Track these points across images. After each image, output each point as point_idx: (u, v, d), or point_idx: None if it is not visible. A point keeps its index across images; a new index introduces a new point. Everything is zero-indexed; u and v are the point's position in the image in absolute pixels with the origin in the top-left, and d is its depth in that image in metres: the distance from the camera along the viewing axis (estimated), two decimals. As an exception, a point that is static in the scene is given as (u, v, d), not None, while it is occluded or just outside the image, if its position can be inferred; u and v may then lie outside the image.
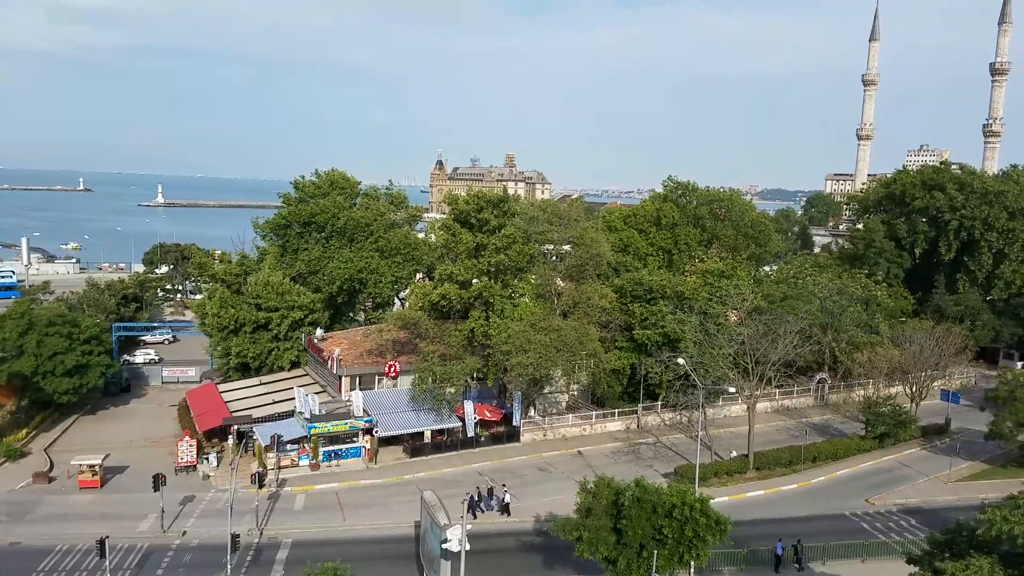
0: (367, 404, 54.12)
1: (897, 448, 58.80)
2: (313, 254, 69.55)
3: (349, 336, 63.67)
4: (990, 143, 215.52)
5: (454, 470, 52.22)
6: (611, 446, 58.42)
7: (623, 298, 62.62)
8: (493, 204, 57.77)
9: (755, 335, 53.96)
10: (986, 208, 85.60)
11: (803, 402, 71.63)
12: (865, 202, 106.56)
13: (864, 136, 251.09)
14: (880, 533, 44.48)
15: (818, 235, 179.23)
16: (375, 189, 79.35)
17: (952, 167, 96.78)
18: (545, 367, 53.01)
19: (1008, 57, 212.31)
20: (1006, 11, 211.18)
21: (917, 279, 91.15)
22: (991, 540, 27.27)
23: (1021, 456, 56.13)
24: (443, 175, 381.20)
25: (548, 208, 75.53)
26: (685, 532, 31.47)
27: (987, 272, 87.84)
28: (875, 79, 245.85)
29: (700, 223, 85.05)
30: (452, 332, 55.65)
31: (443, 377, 53.38)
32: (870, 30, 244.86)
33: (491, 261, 55.54)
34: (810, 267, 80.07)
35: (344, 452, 52.95)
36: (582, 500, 34.17)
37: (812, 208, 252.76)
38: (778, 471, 53.42)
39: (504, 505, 45.25)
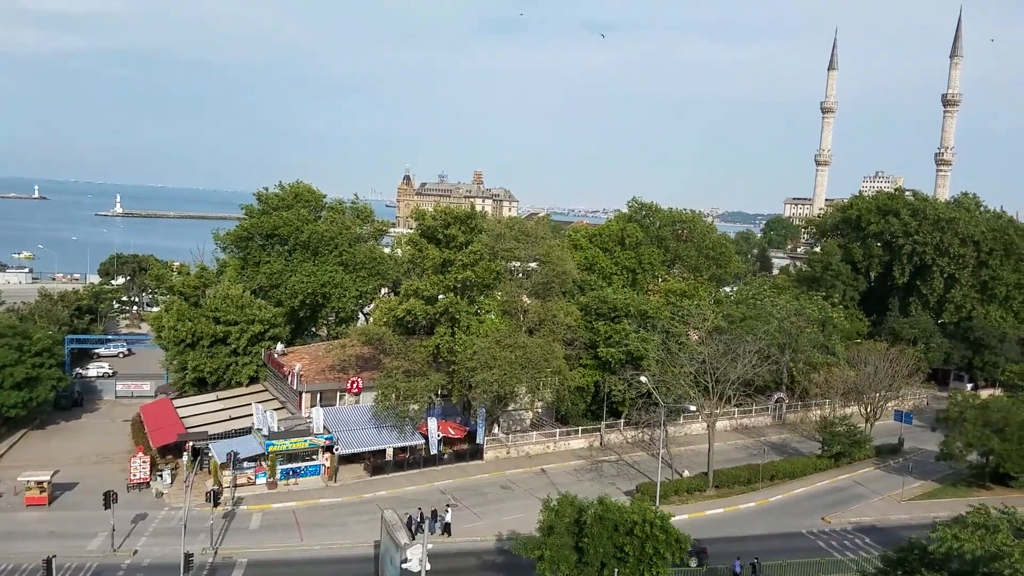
0: (328, 421, 53.40)
1: (852, 467, 59.91)
2: (275, 267, 68.74)
3: (311, 351, 62.91)
4: (942, 171, 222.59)
5: (416, 488, 51.74)
6: (574, 464, 58.50)
7: (588, 316, 63.08)
8: (460, 220, 57.86)
9: (715, 354, 54.74)
10: (938, 234, 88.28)
11: (761, 421, 72.71)
12: (822, 226, 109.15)
13: (822, 162, 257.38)
14: (836, 551, 45.17)
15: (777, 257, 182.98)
16: (340, 202, 78.86)
17: (906, 194, 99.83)
18: (510, 384, 53.00)
19: (959, 89, 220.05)
20: (957, 45, 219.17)
21: (872, 302, 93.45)
22: (942, 558, 27.91)
23: (971, 475, 57.64)
24: (410, 190, 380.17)
25: (515, 225, 75.81)
26: (646, 550, 31.65)
27: (939, 296, 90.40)
28: (833, 107, 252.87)
29: (663, 243, 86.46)
30: (417, 348, 55.37)
31: (407, 393, 53.00)
32: (829, 60, 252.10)
33: (458, 277, 55.52)
34: (769, 288, 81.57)
35: (303, 470, 52.04)
36: (544, 518, 34.14)
37: (771, 231, 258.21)
38: (737, 489, 54.04)
39: (445, 525, 44.53)
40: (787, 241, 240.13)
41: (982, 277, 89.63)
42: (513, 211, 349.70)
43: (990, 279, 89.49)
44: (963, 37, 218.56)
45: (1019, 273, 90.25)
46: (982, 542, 26.25)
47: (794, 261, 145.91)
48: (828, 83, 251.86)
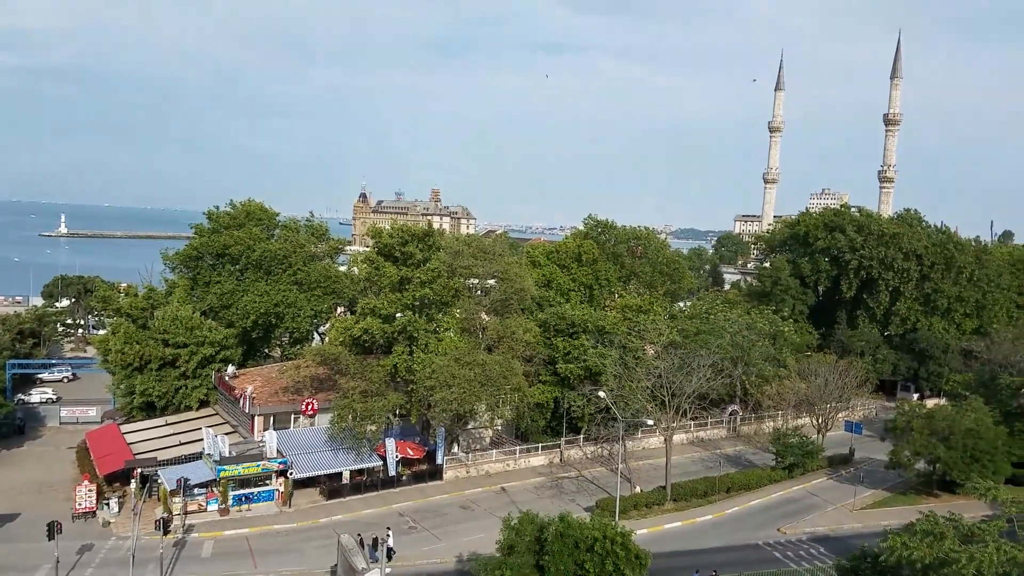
0: (281, 444, 52.38)
1: (805, 478, 61.02)
2: (226, 287, 67.43)
3: (263, 373, 61.74)
4: (885, 188, 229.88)
5: (373, 511, 50.96)
6: (534, 481, 58.36)
7: (547, 332, 63.30)
8: (418, 238, 57.67)
9: (671, 368, 55.38)
10: (883, 249, 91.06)
11: (717, 433, 73.65)
12: (771, 242, 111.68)
13: (770, 180, 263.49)
14: (791, 561, 45.85)
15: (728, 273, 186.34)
16: (294, 221, 77.90)
17: (851, 210, 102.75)
18: (469, 402, 52.74)
19: (900, 109, 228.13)
20: (897, 67, 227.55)
21: (821, 315, 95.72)
22: (893, 565, 28.53)
23: (919, 483, 59.18)
24: (367, 208, 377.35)
25: (473, 243, 75.78)
26: (606, 567, 31.65)
27: (885, 309, 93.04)
28: (780, 126, 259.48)
29: (619, 260, 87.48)
30: (374, 368, 54.75)
31: (364, 414, 52.30)
32: (775, 81, 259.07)
33: (415, 295, 55.19)
34: (721, 303, 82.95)
35: (256, 495, 50.82)
36: (505, 537, 33.94)
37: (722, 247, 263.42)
38: (694, 502, 54.55)
39: (388, 551, 43.67)
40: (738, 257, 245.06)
41: (925, 290, 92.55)
42: (471, 228, 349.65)
43: (933, 292, 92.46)
44: (903, 59, 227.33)
45: (959, 286, 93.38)
46: (931, 549, 26.91)
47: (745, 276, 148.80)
48: (775, 103, 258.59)
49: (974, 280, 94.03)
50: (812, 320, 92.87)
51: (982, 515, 44.77)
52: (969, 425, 55.09)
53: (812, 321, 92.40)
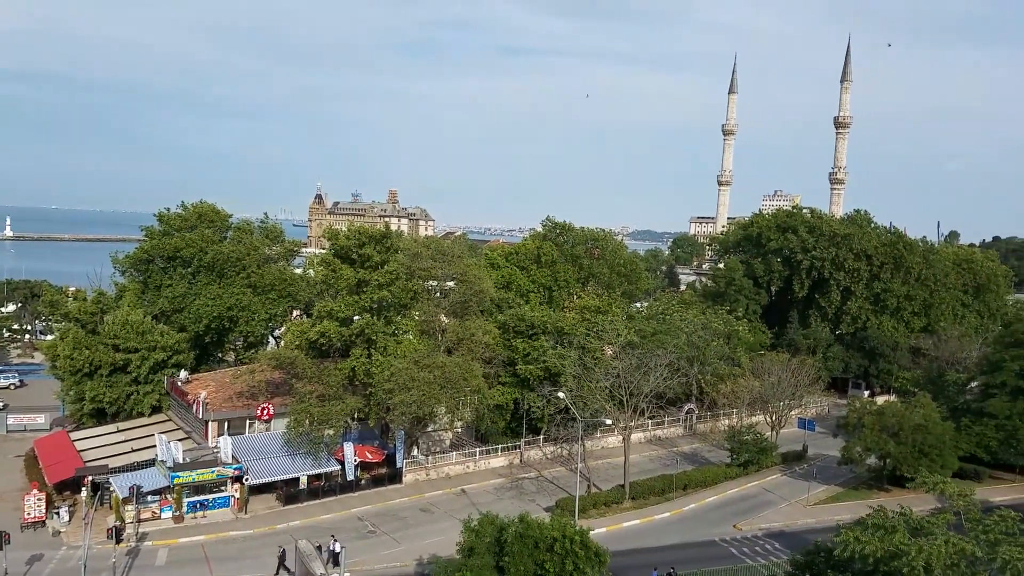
0: (237, 450, 51.45)
1: (760, 474, 62.14)
2: (178, 291, 66.04)
3: (217, 378, 60.61)
4: (836, 189, 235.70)
5: (332, 516, 50.36)
6: (495, 482, 58.34)
7: (506, 334, 63.36)
8: (375, 240, 57.16)
9: (629, 368, 55.93)
10: (834, 249, 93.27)
11: (673, 432, 74.61)
12: (725, 243, 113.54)
13: (724, 182, 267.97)
14: (747, 557, 46.60)
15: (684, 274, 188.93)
16: (248, 222, 76.62)
17: (803, 211, 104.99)
18: (429, 405, 52.47)
19: (849, 112, 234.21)
20: (847, 70, 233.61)
21: (774, 315, 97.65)
22: (846, 559, 29.22)
23: (870, 478, 60.71)
24: (322, 209, 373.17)
25: (432, 245, 75.53)
26: (566, 566, 31.78)
27: (836, 308, 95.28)
28: (733, 129, 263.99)
29: (577, 261, 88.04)
30: (331, 371, 54.12)
31: (321, 419, 51.66)
32: (729, 84, 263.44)
33: (373, 297, 54.70)
34: (677, 304, 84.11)
35: (211, 502, 49.85)
36: (465, 539, 33.87)
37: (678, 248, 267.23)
38: (652, 500, 55.14)
39: (334, 555, 43.19)
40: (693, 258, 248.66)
41: (875, 289, 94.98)
42: (430, 230, 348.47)
43: (882, 291, 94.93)
44: (852, 62, 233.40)
45: (908, 285, 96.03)
46: (882, 543, 27.63)
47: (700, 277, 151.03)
48: (729, 106, 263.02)
49: (922, 280, 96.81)
50: (765, 320, 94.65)
51: (931, 508, 46.19)
52: (918, 421, 56.66)
53: (765, 320, 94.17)
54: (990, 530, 28.60)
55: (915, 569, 26.59)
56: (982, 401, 63.02)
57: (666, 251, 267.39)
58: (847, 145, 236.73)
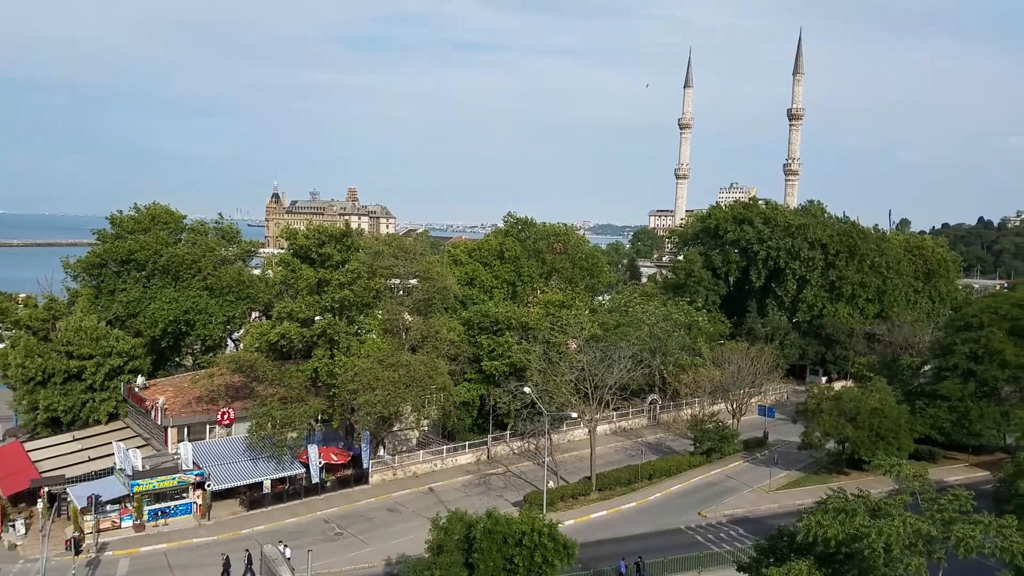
0: (198, 456, 50.56)
1: (723, 462, 63.14)
2: (132, 295, 64.56)
3: (175, 383, 59.44)
4: (790, 181, 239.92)
5: (298, 520, 49.83)
6: (462, 479, 58.29)
7: (471, 330, 63.27)
8: (335, 238, 56.52)
9: (593, 361, 56.34)
10: (789, 239, 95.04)
11: (638, 422, 75.41)
12: (684, 235, 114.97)
13: (681, 175, 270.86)
14: (713, 544, 47.36)
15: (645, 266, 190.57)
16: (203, 223, 75.20)
17: (759, 203, 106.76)
18: (394, 404, 52.16)
19: (802, 104, 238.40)
20: (799, 63, 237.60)
21: (732, 304, 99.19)
22: (808, 543, 29.78)
23: (830, 463, 62.04)
24: (280, 208, 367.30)
25: (393, 242, 74.94)
26: (535, 559, 31.88)
27: (792, 297, 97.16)
28: (689, 123, 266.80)
29: (540, 256, 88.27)
30: (293, 373, 53.43)
31: (283, 422, 51.01)
32: (684, 78, 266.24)
33: (335, 297, 54.10)
34: (639, 296, 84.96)
35: (173, 509, 48.97)
36: (434, 537, 33.76)
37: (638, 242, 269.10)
38: (618, 490, 55.67)
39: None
40: (653, 251, 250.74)
41: (830, 278, 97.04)
42: (391, 228, 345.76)
43: (837, 279, 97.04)
44: (804, 55, 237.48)
45: (862, 273, 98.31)
46: (843, 526, 28.18)
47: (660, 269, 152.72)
48: (684, 100, 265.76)
49: (875, 267, 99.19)
50: (724, 310, 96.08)
51: (889, 490, 47.41)
52: (874, 405, 58.00)
53: (724, 310, 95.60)
54: (945, 509, 29.35)
55: (875, 550, 27.21)
56: (935, 384, 64.64)
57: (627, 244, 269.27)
58: (800, 137, 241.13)
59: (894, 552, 27.46)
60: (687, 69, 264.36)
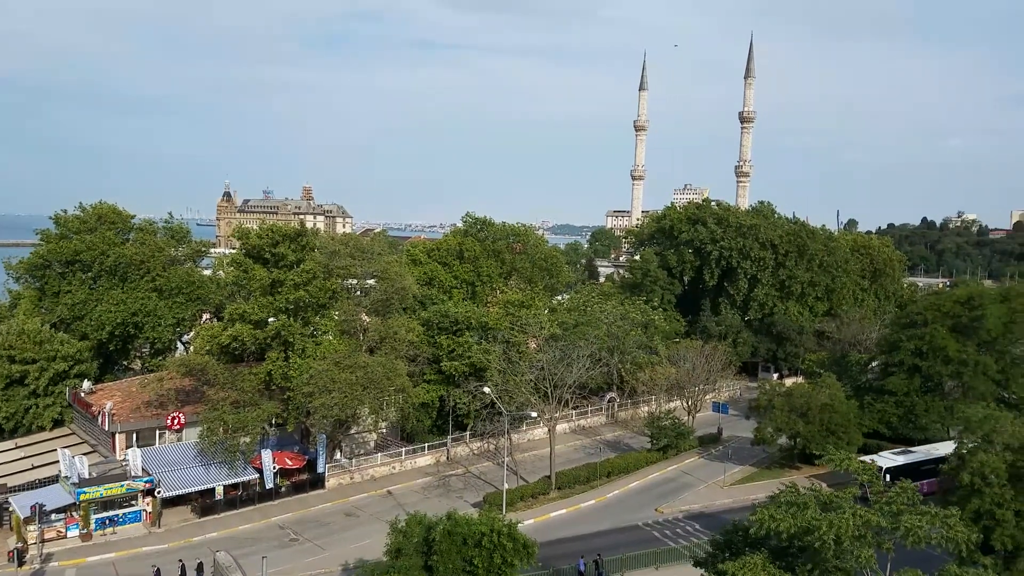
0: (147, 462, 49.27)
1: (679, 458, 63.97)
2: (78, 297, 62.61)
3: (123, 387, 57.86)
4: (741, 182, 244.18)
5: (251, 526, 48.89)
6: (422, 481, 57.90)
7: (430, 331, 62.89)
8: (290, 238, 55.56)
9: (552, 360, 56.52)
10: (741, 240, 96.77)
11: (596, 421, 75.93)
12: (640, 236, 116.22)
13: (637, 176, 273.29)
14: (670, 540, 47.91)
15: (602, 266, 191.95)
16: (151, 223, 73.34)
17: (712, 204, 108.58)
18: (351, 406, 51.51)
19: (753, 107, 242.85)
20: (750, 67, 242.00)
21: (687, 303, 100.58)
22: (762, 537, 30.34)
23: (782, 457, 63.34)
24: (232, 208, 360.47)
25: (350, 242, 73.97)
26: (495, 560, 31.79)
27: (744, 295, 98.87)
28: (645, 125, 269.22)
29: (499, 256, 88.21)
30: (246, 376, 52.37)
31: (236, 426, 50.00)
32: (639, 81, 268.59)
33: (289, 298, 53.16)
34: (597, 296, 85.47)
35: (121, 517, 47.59)
36: (392, 541, 33.44)
37: (596, 242, 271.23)
38: (578, 489, 55.97)
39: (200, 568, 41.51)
40: (611, 251, 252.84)
41: (780, 277, 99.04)
42: (347, 227, 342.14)
43: (787, 278, 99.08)
44: (755, 59, 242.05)
45: (811, 272, 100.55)
46: (795, 519, 28.77)
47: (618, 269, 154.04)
48: (640, 103, 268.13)
49: (824, 266, 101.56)
50: (679, 308, 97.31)
51: (839, 483, 48.60)
52: (824, 400, 59.30)
53: (679, 309, 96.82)
54: (893, 501, 30.24)
55: (826, 543, 27.86)
56: (882, 379, 66.30)
57: (585, 244, 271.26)
58: (752, 139, 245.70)
59: (844, 544, 28.14)
60: (642, 72, 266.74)
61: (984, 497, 34.35)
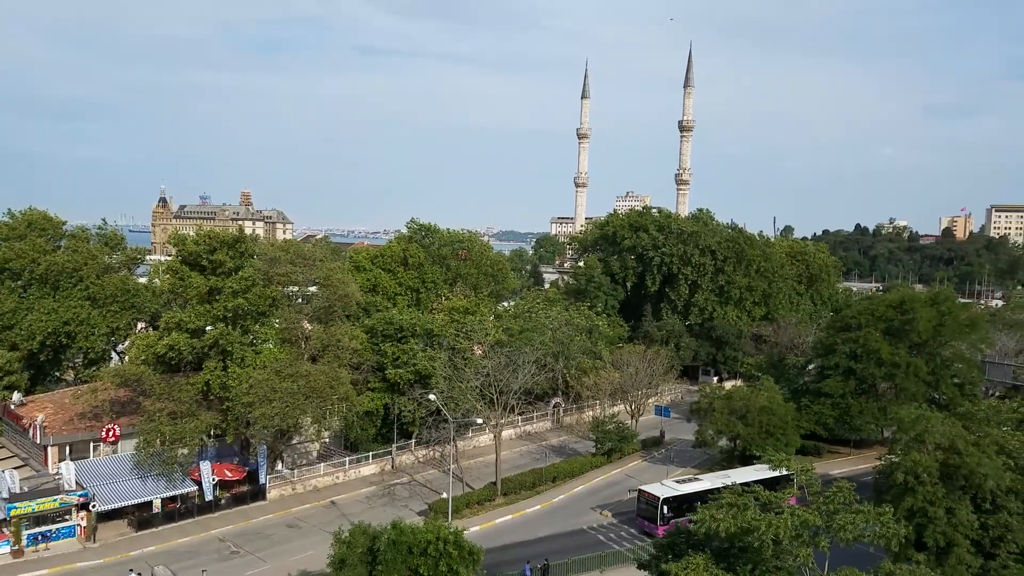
0: (81, 475, 47.54)
1: (623, 461, 64.86)
2: (7, 306, 59.91)
3: (56, 399, 55.72)
4: (681, 190, 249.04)
5: (191, 539, 47.61)
6: (366, 491, 57.27)
7: (374, 338, 62.31)
8: (228, 244, 54.31)
9: (498, 367, 56.68)
10: (682, 246, 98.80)
11: (542, 426, 76.39)
12: (584, 242, 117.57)
13: (580, 184, 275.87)
14: (615, 543, 48.51)
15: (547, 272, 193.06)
16: (84, 230, 70.88)
17: (653, 211, 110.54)
18: (293, 416, 50.64)
19: (692, 116, 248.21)
20: (689, 76, 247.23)
21: (630, 309, 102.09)
22: (705, 538, 31.04)
23: (723, 459, 64.64)
24: (167, 214, 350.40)
25: (291, 249, 72.72)
26: (440, 568, 31.70)
27: (685, 301, 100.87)
28: (587, 133, 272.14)
29: (444, 263, 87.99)
30: (183, 387, 50.96)
31: (174, 438, 48.64)
32: (581, 89, 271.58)
33: (227, 306, 51.94)
34: (542, 302, 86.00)
35: (55, 533, 45.86)
36: (335, 552, 33.01)
37: (541, 248, 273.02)
38: (523, 494, 56.20)
39: None
40: (555, 257, 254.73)
41: (719, 282, 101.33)
42: (288, 233, 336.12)
43: (726, 283, 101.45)
44: (694, 69, 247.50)
45: (749, 277, 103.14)
46: (735, 520, 29.52)
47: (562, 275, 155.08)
48: (582, 111, 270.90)
49: (761, 272, 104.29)
50: (622, 314, 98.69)
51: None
52: (763, 403, 60.77)
53: (623, 315, 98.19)
54: (830, 501, 31.25)
55: (765, 542, 28.68)
56: (819, 382, 67.97)
57: (530, 251, 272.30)
58: (691, 148, 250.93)
59: (783, 543, 29.01)
60: (584, 80, 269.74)
61: (917, 495, 35.63)
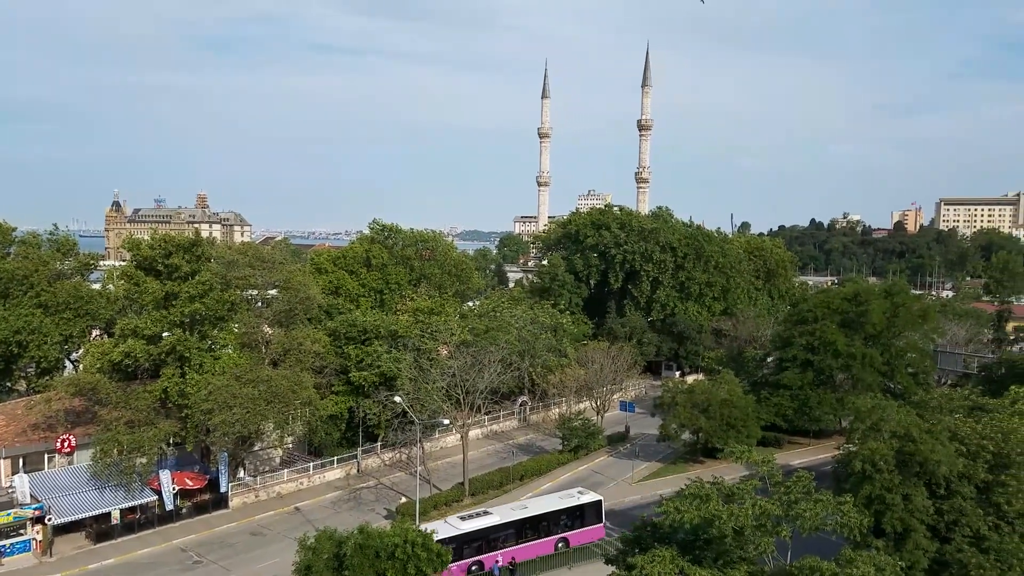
0: (36, 488, 46.30)
1: (589, 457, 65.22)
2: (-47, 316, 57.99)
3: (7, 410, 53.98)
4: (641, 188, 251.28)
5: (152, 550, 46.63)
6: (331, 496, 56.65)
7: (337, 341, 61.66)
8: (184, 248, 53.20)
9: (464, 367, 56.53)
10: (643, 243, 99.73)
11: (509, 425, 76.44)
12: (547, 241, 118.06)
13: (543, 183, 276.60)
14: (582, 539, 48.63)
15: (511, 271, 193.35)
16: (35, 235, 68.90)
17: (614, 209, 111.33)
18: (254, 422, 49.85)
19: (651, 115, 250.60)
20: (647, 76, 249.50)
21: (594, 306, 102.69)
22: (670, 531, 31.35)
23: (687, 453, 65.54)
24: (121, 218, 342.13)
25: (249, 251, 71.56)
26: (408, 571, 31.55)
27: (647, 297, 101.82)
28: (548, 132, 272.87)
29: (408, 263, 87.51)
30: (140, 395, 49.83)
31: (132, 447, 47.54)
32: (542, 89, 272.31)
33: (184, 311, 50.88)
34: (507, 301, 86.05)
35: (8, 548, 44.52)
36: (301, 559, 32.63)
37: (505, 247, 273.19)
38: (491, 494, 56.12)
39: None
40: (519, 256, 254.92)
41: (680, 279, 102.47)
42: (246, 236, 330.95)
43: (686, 280, 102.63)
44: (651, 68, 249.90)
45: (708, 273, 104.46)
46: (699, 511, 29.86)
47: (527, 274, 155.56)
48: (543, 110, 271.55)
49: (720, 267, 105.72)
50: (586, 311, 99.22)
51: (741, 475, 50.68)
52: (724, 396, 61.77)
53: (586, 312, 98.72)
54: (790, 491, 31.79)
55: (726, 532, 29.10)
56: (777, 374, 69.22)
57: (494, 250, 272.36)
58: (650, 146, 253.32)
59: (745, 533, 29.44)
60: (544, 80, 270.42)
61: (875, 483, 36.38)
